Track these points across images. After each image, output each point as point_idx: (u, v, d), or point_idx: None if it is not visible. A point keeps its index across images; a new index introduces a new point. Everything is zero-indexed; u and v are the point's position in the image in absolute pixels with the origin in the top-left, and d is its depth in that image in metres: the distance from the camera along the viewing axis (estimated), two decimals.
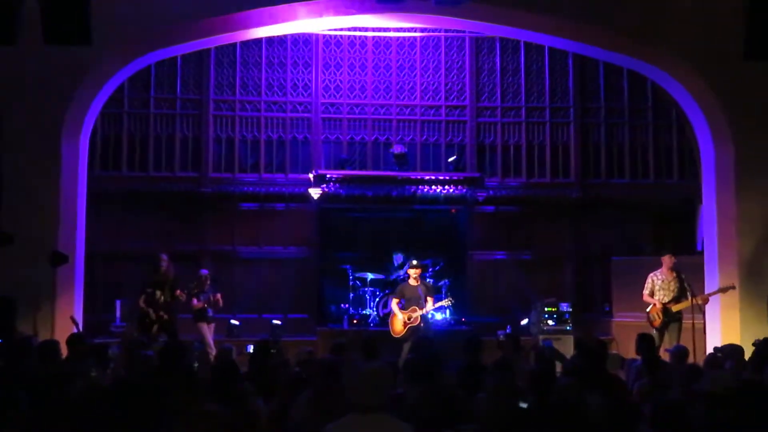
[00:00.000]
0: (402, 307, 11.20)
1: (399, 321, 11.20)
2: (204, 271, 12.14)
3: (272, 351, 8.47)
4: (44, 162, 10.63)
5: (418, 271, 11.39)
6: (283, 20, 11.65)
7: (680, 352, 7.80)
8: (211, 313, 11.84)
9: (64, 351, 7.80)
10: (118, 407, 4.69)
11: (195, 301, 11.77)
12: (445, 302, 12.12)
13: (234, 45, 13.86)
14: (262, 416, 5.26)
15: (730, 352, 7.58)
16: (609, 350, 8.39)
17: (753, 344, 8.46)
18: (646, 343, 7.82)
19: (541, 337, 12.21)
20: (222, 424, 4.61)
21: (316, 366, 5.76)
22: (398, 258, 13.60)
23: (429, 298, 11.21)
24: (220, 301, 11.85)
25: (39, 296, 10.13)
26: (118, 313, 12.74)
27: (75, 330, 9.78)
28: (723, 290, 10.75)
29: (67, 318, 10.23)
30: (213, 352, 11.02)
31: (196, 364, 8.68)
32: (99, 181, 13.03)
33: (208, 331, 11.77)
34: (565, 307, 12.49)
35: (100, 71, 10.98)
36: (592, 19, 11.32)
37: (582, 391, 5.07)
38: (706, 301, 10.80)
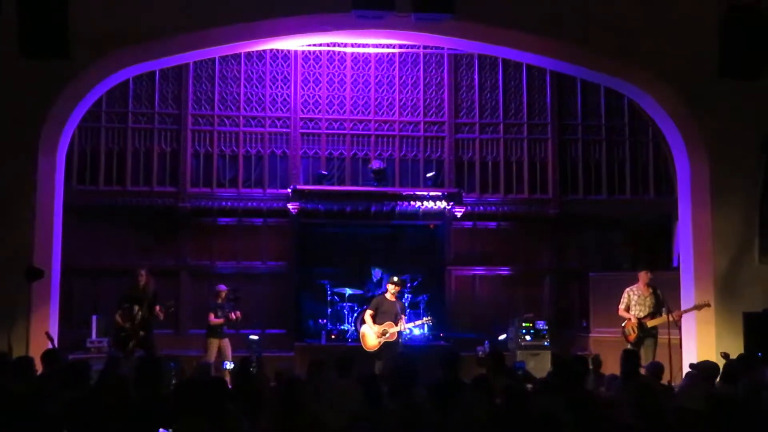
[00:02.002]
0: (375, 321, 11.15)
1: (372, 334, 11.10)
2: (222, 287, 12.09)
3: (251, 369, 8.40)
4: (20, 176, 10.53)
5: (398, 288, 11.35)
6: (262, 36, 11.64)
7: (656, 369, 7.83)
8: (225, 330, 11.81)
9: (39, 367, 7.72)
10: (92, 424, 4.65)
11: (212, 316, 11.75)
12: (424, 321, 12.09)
13: (213, 60, 13.88)
14: None
15: (705, 368, 7.59)
16: (588, 366, 8.38)
17: (722, 355, 8.59)
18: (630, 360, 7.82)
19: (519, 352, 12.21)
20: None
21: (283, 383, 5.67)
22: (376, 273, 13.60)
23: (402, 317, 11.19)
24: (239, 319, 11.83)
25: (14, 311, 10.01)
26: (94, 329, 12.63)
27: (50, 346, 9.68)
28: (698, 307, 10.80)
29: (42, 334, 10.11)
30: (230, 366, 11.03)
31: (174, 381, 8.60)
32: (76, 195, 12.94)
33: (227, 347, 11.75)
34: (540, 325, 12.48)
35: (77, 85, 10.91)
36: (568, 38, 11.40)
37: (556, 408, 5.08)
38: (680, 317, 10.86)
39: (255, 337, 12.70)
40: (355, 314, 13.07)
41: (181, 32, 11.07)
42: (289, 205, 13.50)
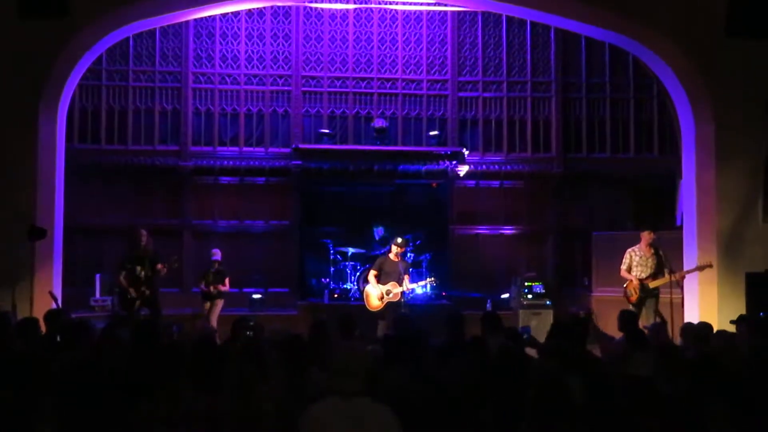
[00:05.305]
0: (379, 281, 11.15)
1: (375, 295, 11.12)
2: (216, 256, 12.18)
3: (248, 333, 8.33)
4: (21, 135, 10.48)
5: (401, 249, 11.31)
6: None
7: (658, 329, 7.84)
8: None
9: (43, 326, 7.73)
10: (94, 385, 4.64)
11: (201, 283, 11.99)
12: (427, 281, 12.05)
13: (214, 17, 13.73)
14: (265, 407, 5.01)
15: (698, 329, 7.53)
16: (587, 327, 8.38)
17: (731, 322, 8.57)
18: (628, 320, 7.84)
19: (521, 311, 12.21)
20: (203, 413, 4.48)
21: (288, 344, 5.64)
22: (379, 232, 13.58)
23: (406, 276, 11.16)
24: (217, 291, 11.92)
25: (17, 271, 10.03)
26: (97, 287, 12.69)
27: (54, 305, 9.72)
28: (700, 268, 10.79)
29: (45, 293, 10.15)
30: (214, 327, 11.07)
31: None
32: (77, 154, 12.92)
33: (216, 307, 11.89)
34: (539, 288, 12.40)
35: (77, 43, 10.80)
36: None
37: (563, 373, 5.07)
38: (683, 278, 10.84)
39: (258, 296, 12.76)
40: (358, 273, 13.10)
41: None
42: (291, 164, 13.44)
